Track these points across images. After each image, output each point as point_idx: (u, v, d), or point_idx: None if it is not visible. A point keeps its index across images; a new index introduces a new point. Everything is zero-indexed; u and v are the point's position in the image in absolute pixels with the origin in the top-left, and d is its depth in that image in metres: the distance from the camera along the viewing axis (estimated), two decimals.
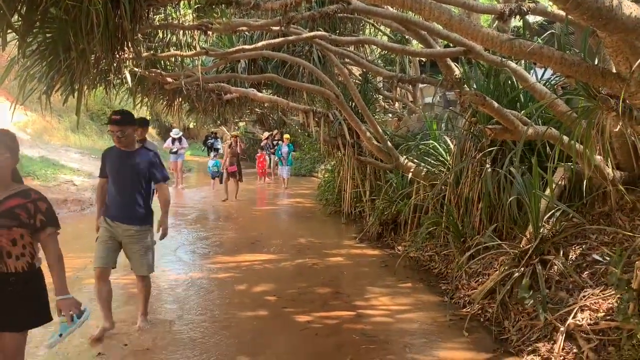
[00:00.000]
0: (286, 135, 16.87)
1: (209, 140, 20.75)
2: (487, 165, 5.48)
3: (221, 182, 13.03)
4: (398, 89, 13.38)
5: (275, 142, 18.71)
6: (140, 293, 4.33)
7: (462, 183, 5.91)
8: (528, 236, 4.45)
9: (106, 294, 4.12)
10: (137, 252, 4.19)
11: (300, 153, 20.49)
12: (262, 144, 19.42)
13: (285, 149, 16.13)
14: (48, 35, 4.24)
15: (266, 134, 19.81)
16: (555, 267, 4.09)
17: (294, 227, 9.30)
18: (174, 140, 15.10)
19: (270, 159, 18.80)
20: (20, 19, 3.68)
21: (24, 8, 3.63)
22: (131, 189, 4.15)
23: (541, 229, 4.35)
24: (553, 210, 4.48)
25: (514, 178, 4.96)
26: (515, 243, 4.74)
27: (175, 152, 15.03)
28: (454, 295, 5.05)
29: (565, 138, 4.16)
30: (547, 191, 4.51)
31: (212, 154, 16.99)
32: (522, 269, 4.26)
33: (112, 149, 4.26)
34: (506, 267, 4.45)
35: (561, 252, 4.20)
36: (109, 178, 4.21)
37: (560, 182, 4.74)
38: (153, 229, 4.34)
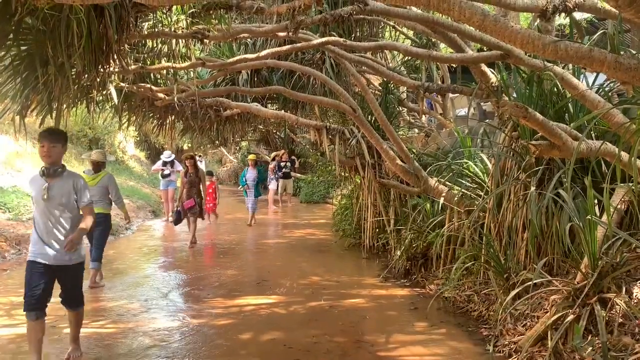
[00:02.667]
0: (251, 156, 15.60)
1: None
2: (533, 188, 5.46)
3: (175, 222, 11.04)
4: (425, 100, 13.46)
5: (283, 164, 18.84)
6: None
7: (504, 209, 5.89)
8: (583, 271, 4.40)
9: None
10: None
11: (312, 176, 20.57)
12: (270, 166, 19.53)
13: (251, 174, 14.53)
14: (23, 48, 4.37)
15: (273, 154, 20.01)
16: (617, 307, 4.03)
17: (306, 264, 9.28)
18: (165, 163, 15.16)
19: (277, 183, 18.88)
20: None
21: None
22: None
23: (599, 262, 4.30)
24: (613, 240, 4.43)
25: (565, 202, 4.92)
26: (569, 279, 4.68)
27: (168, 176, 15.03)
28: (497, 342, 4.98)
29: (624, 154, 4.14)
30: (605, 217, 4.47)
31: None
32: (578, 310, 4.19)
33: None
34: (559, 308, 4.39)
35: (623, 289, 4.14)
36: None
37: (619, 206, 4.69)
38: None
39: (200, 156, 20.60)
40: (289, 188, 19.43)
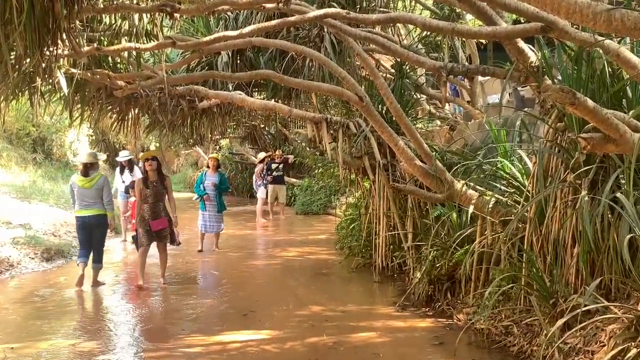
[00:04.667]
0: (213, 155, 14.39)
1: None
2: (584, 192, 5.45)
3: (137, 246, 9.58)
4: (448, 84, 13.47)
5: (274, 166, 18.75)
6: None
7: (548, 218, 5.87)
8: None
9: None
10: None
11: (310, 181, 20.54)
12: (256, 169, 19.48)
13: (210, 181, 12.96)
14: None
15: (262, 154, 19.85)
16: None
17: (304, 290, 9.26)
18: (122, 167, 14.02)
19: (267, 190, 18.77)
20: None
21: None
22: None
23: None
24: None
25: (624, 209, 4.92)
26: (630, 304, 4.67)
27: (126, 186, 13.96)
28: None
29: None
30: None
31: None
32: None
33: None
34: (618, 341, 4.38)
35: None
36: None
37: None
38: None
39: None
40: (281, 196, 19.29)
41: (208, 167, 13.54)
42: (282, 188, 19.10)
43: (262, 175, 18.82)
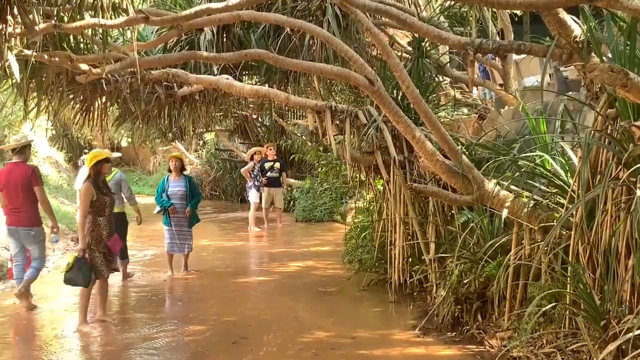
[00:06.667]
0: (174, 154, 13.06)
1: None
2: (639, 191, 5.45)
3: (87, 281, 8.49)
4: (476, 64, 13.44)
5: (268, 165, 18.72)
6: None
7: (597, 223, 5.87)
8: None
9: None
10: None
11: (312, 182, 20.52)
12: (244, 169, 19.45)
13: (176, 187, 12.22)
14: None
15: (253, 150, 19.82)
16: None
17: (306, 312, 9.28)
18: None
19: (260, 194, 18.76)
20: None
21: None
22: None
23: None
24: None
25: None
26: None
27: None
28: None
29: None
30: None
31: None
32: None
33: None
34: None
35: None
36: None
37: None
38: None
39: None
40: (277, 201, 19.25)
41: (170, 170, 12.49)
42: (278, 191, 19.03)
43: (252, 175, 18.77)
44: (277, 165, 18.85)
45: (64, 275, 8.29)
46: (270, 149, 19.17)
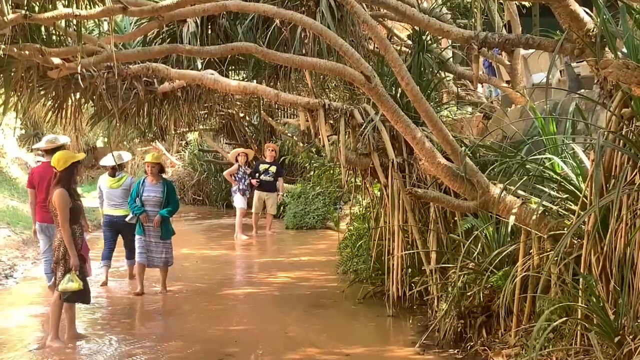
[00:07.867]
0: (149, 159, 12.11)
1: None
2: None
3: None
4: (481, 60, 13.46)
5: (262, 168, 18.66)
6: None
7: (611, 231, 5.88)
8: None
9: None
10: None
11: (303, 186, 20.50)
12: (226, 171, 19.40)
13: (152, 192, 11.65)
14: None
15: (237, 151, 19.73)
16: None
17: (297, 327, 9.28)
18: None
19: (246, 198, 18.71)
20: None
21: None
22: None
23: None
24: None
25: None
26: None
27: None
28: None
29: None
30: None
31: None
32: None
33: None
34: None
35: None
36: None
37: None
38: None
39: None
40: (270, 206, 19.19)
41: (146, 173, 11.99)
42: (271, 196, 18.88)
43: (236, 178, 18.68)
44: (273, 168, 18.71)
45: (72, 295, 8.20)
46: (269, 150, 19.11)
